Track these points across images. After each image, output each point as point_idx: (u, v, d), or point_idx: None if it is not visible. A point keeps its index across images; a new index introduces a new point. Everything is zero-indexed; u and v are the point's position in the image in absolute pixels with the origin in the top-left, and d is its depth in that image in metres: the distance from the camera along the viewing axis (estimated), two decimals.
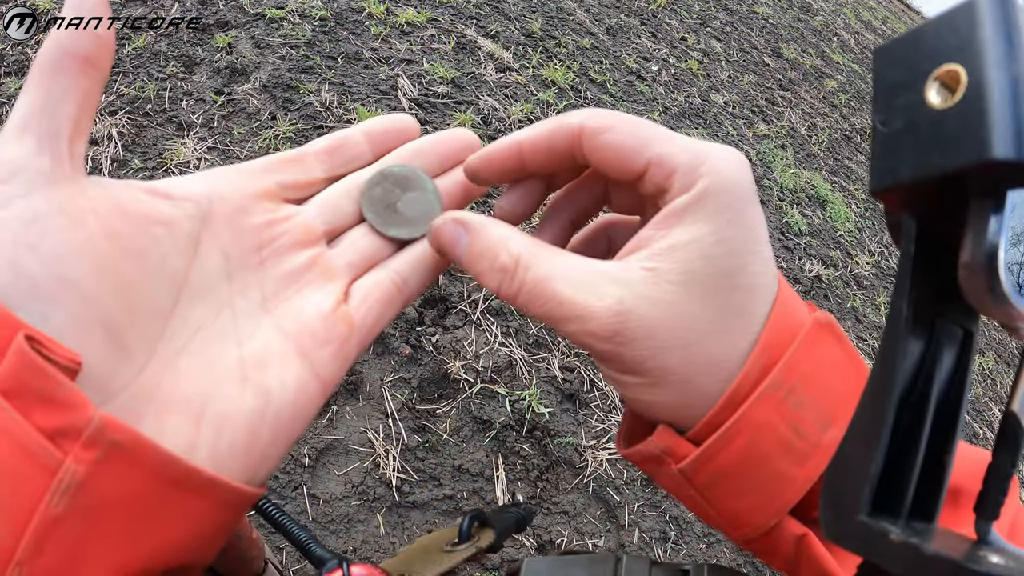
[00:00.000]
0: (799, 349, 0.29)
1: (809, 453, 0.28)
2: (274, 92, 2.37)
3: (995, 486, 0.20)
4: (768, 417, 0.28)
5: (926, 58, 0.19)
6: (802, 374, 0.28)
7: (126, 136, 2.06)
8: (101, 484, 0.21)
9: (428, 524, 1.54)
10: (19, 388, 0.20)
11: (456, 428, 1.70)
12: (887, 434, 0.20)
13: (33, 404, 0.21)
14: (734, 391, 0.28)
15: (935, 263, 0.20)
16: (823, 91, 4.96)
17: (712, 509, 0.30)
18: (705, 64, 4.21)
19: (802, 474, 0.28)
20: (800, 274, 2.94)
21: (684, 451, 0.29)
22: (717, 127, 3.59)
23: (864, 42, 6.71)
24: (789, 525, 0.29)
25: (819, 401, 0.29)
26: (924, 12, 11.51)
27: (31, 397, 0.20)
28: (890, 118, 0.20)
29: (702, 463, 0.28)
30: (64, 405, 0.21)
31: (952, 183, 0.18)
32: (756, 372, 0.28)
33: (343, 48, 2.69)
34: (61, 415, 0.21)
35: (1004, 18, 0.18)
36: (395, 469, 1.57)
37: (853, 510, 0.20)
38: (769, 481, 0.28)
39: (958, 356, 0.21)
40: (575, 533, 1.64)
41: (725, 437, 0.28)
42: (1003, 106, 0.17)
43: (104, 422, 0.21)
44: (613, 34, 3.91)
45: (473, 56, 2.99)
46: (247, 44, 2.55)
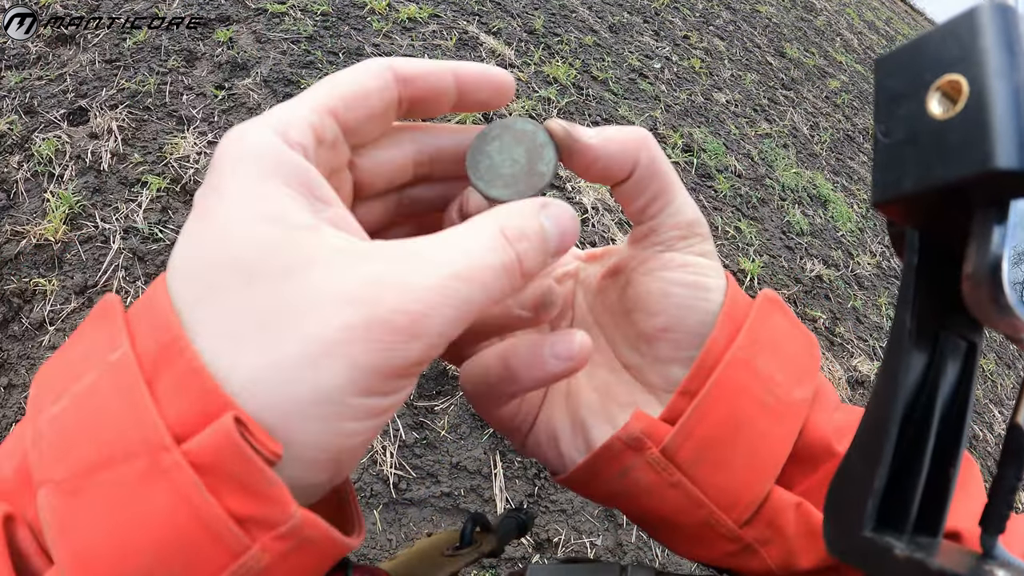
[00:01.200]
0: (756, 318, 0.31)
1: (784, 412, 0.30)
2: (275, 87, 2.37)
3: (1000, 499, 0.19)
4: (742, 378, 0.29)
5: (927, 68, 0.19)
6: (764, 340, 0.30)
7: (126, 130, 2.06)
8: (280, 570, 0.21)
9: (425, 521, 1.54)
10: (216, 467, 0.20)
11: (454, 425, 1.70)
12: (891, 449, 0.20)
13: (228, 486, 0.20)
14: (703, 357, 0.30)
15: (939, 275, 0.20)
16: (826, 91, 4.96)
17: (701, 491, 0.30)
18: (708, 62, 4.20)
19: (782, 433, 0.30)
20: (801, 274, 2.94)
21: (663, 431, 0.29)
22: (719, 125, 3.58)
23: (867, 42, 6.71)
24: (781, 495, 0.30)
25: (783, 365, 0.31)
26: (928, 13, 11.51)
27: (227, 479, 0.20)
28: (892, 128, 0.20)
29: (685, 435, 0.29)
30: (264, 498, 0.20)
31: (955, 194, 0.18)
32: (723, 338, 0.30)
33: (344, 43, 2.68)
34: (258, 506, 0.20)
35: (1006, 27, 0.17)
36: (393, 466, 1.57)
37: (857, 525, 0.20)
38: (753, 442, 0.29)
39: (962, 369, 0.21)
40: (573, 531, 1.64)
41: (705, 403, 0.29)
42: (1005, 116, 0.17)
43: (304, 520, 0.21)
44: (615, 32, 3.90)
45: (475, 52, 2.98)
46: (248, 39, 2.54)
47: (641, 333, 0.32)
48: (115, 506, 0.20)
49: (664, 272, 0.31)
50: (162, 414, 0.20)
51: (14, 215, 1.79)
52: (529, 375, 0.29)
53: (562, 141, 0.29)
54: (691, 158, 3.10)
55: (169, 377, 0.21)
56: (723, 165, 3.23)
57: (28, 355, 1.56)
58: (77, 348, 0.23)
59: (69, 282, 1.69)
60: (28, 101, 2.10)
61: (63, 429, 0.21)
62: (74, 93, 2.16)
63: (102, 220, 1.82)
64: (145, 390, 0.20)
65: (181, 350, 0.21)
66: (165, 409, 0.20)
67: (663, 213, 0.31)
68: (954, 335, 0.21)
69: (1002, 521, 0.19)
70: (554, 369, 0.28)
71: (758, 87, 4.34)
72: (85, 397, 0.21)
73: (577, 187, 2.52)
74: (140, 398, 0.20)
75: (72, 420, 0.21)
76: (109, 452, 0.20)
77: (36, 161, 1.91)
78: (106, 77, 2.25)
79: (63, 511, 0.20)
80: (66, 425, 0.21)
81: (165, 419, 0.20)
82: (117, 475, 0.20)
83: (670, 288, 0.31)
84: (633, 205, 0.32)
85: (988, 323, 0.19)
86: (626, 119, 3.06)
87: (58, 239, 1.74)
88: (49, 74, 2.22)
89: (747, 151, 3.52)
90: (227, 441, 0.19)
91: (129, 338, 0.22)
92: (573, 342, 0.28)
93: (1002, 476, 0.20)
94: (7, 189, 1.84)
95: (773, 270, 2.86)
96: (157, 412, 0.20)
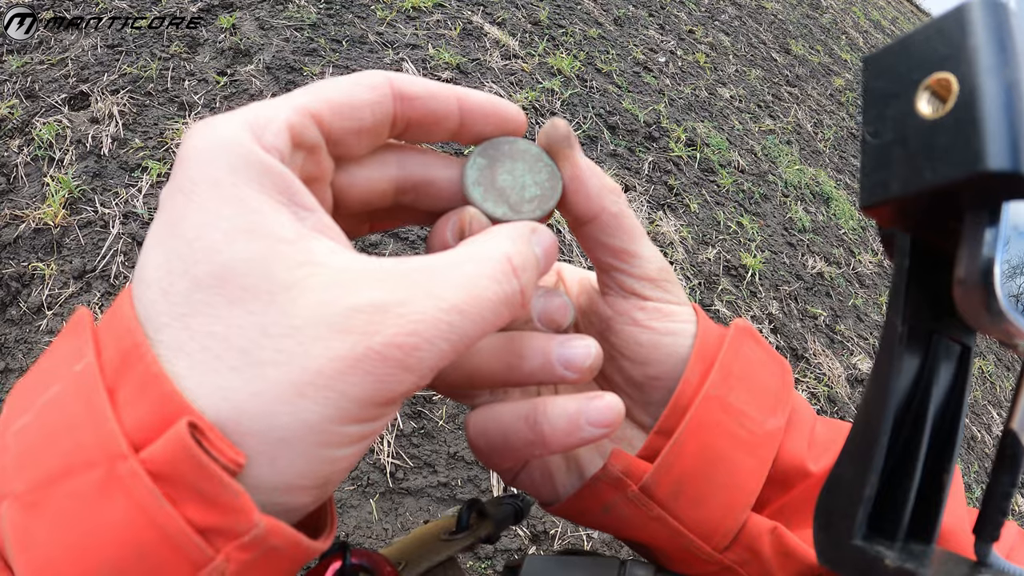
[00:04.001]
0: (727, 353, 0.31)
1: (757, 444, 0.31)
2: (277, 74, 2.36)
3: (994, 506, 0.19)
4: (715, 415, 0.30)
5: (916, 66, 0.18)
6: (736, 375, 0.31)
7: (127, 115, 2.05)
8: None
9: (422, 511, 1.54)
10: (172, 475, 0.19)
11: (452, 415, 1.70)
12: (882, 455, 0.19)
13: (186, 494, 0.19)
14: (677, 397, 0.31)
15: (930, 278, 0.20)
16: (830, 88, 4.93)
17: (680, 523, 0.31)
18: (712, 57, 4.18)
19: (756, 463, 0.31)
20: (802, 271, 2.93)
21: (642, 468, 0.30)
22: (723, 120, 3.57)
23: (873, 41, 6.67)
24: (757, 522, 0.31)
25: (755, 397, 0.31)
26: (933, 13, 11.43)
27: (185, 487, 0.19)
28: (880, 129, 0.19)
29: (663, 473, 0.30)
30: (224, 507, 0.19)
31: (946, 196, 0.18)
32: (695, 378, 0.31)
33: (348, 31, 2.67)
34: (220, 517, 0.19)
35: (996, 24, 0.17)
36: (390, 455, 1.58)
37: (847, 534, 0.19)
38: (728, 476, 0.30)
39: (955, 373, 0.21)
40: (569, 524, 1.64)
41: (680, 441, 0.30)
42: (996, 115, 0.16)
43: (268, 529, 0.20)
44: (621, 25, 3.88)
45: (479, 43, 2.97)
46: (251, 25, 2.53)
47: (630, 379, 0.33)
48: (73, 518, 0.19)
49: (649, 322, 0.32)
50: (120, 421, 0.19)
51: (14, 199, 1.78)
52: (561, 442, 0.28)
53: (555, 140, 0.29)
54: (694, 152, 3.09)
55: (129, 384, 0.20)
56: (726, 160, 3.22)
57: (26, 339, 1.56)
58: (48, 362, 0.23)
59: (68, 267, 1.68)
60: (29, 85, 2.09)
61: (26, 441, 0.20)
62: (75, 78, 2.15)
63: (102, 205, 1.82)
64: (105, 398, 0.20)
65: (141, 356, 0.20)
66: (124, 416, 0.19)
67: (632, 263, 0.31)
68: (947, 338, 0.21)
69: (996, 528, 0.19)
70: (590, 437, 0.28)
71: (762, 83, 4.32)
72: (48, 408, 0.21)
73: None
74: (99, 406, 0.20)
75: (35, 432, 0.20)
76: (68, 463, 0.19)
77: (36, 145, 1.90)
78: (108, 62, 2.24)
79: (22, 525, 0.19)
80: (29, 437, 0.20)
81: (123, 426, 0.19)
82: (75, 486, 0.19)
83: (658, 339, 0.32)
84: (598, 252, 0.32)
85: (980, 328, 0.18)
86: (630, 112, 3.05)
87: (57, 223, 1.74)
88: (51, 58, 2.21)
89: (750, 147, 3.51)
90: (181, 448, 0.19)
91: (95, 348, 0.21)
92: (611, 409, 0.28)
93: (996, 482, 0.19)
94: (7, 173, 1.84)
95: (774, 266, 2.85)
96: (116, 419, 0.19)
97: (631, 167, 2.80)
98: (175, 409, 0.19)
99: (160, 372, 0.20)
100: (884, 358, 0.20)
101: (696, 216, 2.79)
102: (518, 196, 0.29)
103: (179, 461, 0.19)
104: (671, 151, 3.00)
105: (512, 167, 0.29)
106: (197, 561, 0.19)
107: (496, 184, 0.28)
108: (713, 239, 2.73)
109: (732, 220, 2.92)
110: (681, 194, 2.85)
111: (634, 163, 2.83)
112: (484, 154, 0.29)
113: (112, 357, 0.21)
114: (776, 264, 2.88)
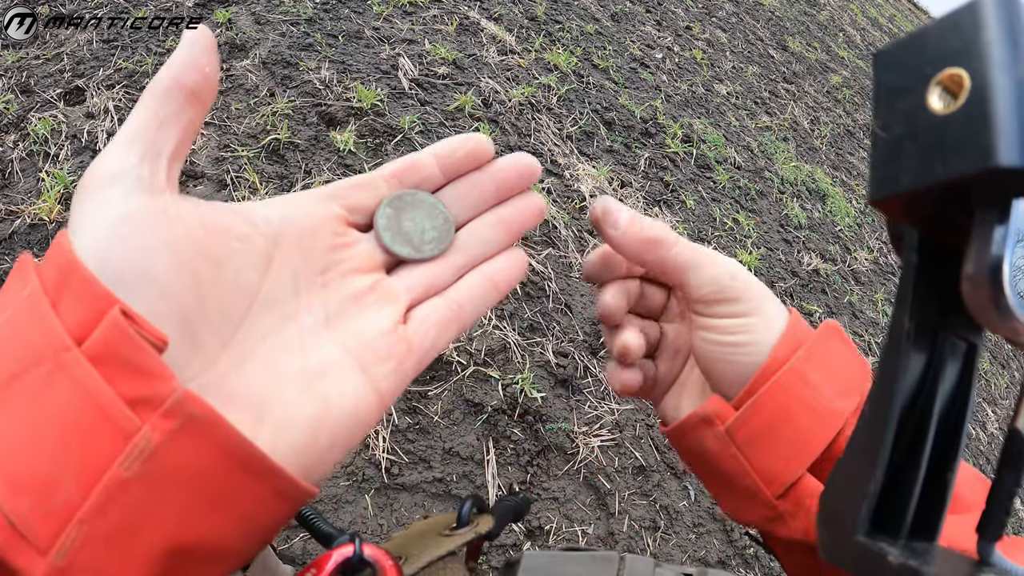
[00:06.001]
0: (815, 341, 0.38)
1: (826, 416, 0.36)
2: (273, 69, 2.35)
3: (998, 506, 0.19)
4: (794, 385, 0.36)
5: (928, 62, 0.18)
6: (817, 358, 0.37)
7: (123, 110, 2.04)
8: (172, 454, 0.22)
9: (417, 507, 1.54)
10: (108, 355, 0.22)
11: (447, 411, 1.70)
12: (887, 451, 0.19)
13: (119, 371, 0.22)
14: (767, 365, 0.37)
15: (938, 275, 0.19)
16: (827, 85, 4.94)
17: (750, 464, 0.37)
18: (709, 54, 4.18)
19: (821, 432, 0.36)
20: (798, 267, 2.94)
21: (728, 414, 0.37)
22: (720, 117, 3.57)
23: (870, 39, 6.68)
24: (810, 482, 0.36)
25: (832, 380, 0.37)
26: (931, 12, 11.45)
27: (118, 365, 0.22)
28: (891, 123, 0.19)
29: (743, 422, 0.37)
30: (150, 375, 0.22)
31: (955, 191, 0.17)
32: (783, 353, 0.37)
33: (344, 26, 2.66)
34: (145, 385, 0.22)
35: (1009, 19, 0.17)
36: (385, 451, 1.57)
37: (851, 529, 0.19)
38: (795, 434, 0.36)
39: (962, 370, 0.21)
40: (564, 520, 1.64)
41: (761, 399, 0.36)
42: (1008, 111, 0.16)
43: (185, 396, 0.22)
44: (618, 20, 3.87)
45: (475, 38, 2.96)
46: (247, 20, 2.52)
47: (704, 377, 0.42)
48: (27, 407, 0.22)
49: (710, 335, 0.39)
50: (63, 322, 0.23)
51: (9, 194, 1.77)
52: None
53: (595, 223, 0.38)
54: (691, 148, 3.09)
55: (68, 293, 0.23)
56: (723, 156, 3.22)
57: None
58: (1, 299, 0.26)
59: None
60: (24, 80, 2.08)
61: None
62: (71, 73, 2.14)
63: None
64: (48, 306, 0.23)
65: (74, 268, 0.23)
66: (66, 318, 0.23)
67: (685, 291, 0.39)
68: (954, 336, 0.20)
69: (1000, 528, 0.19)
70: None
71: (759, 80, 4.32)
72: (3, 328, 0.24)
73: (575, 175, 2.51)
74: (45, 314, 0.23)
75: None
76: (22, 364, 0.22)
77: (31, 140, 1.89)
78: (103, 57, 2.23)
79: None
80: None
81: (66, 325, 0.22)
82: (28, 381, 0.22)
83: (721, 353, 0.39)
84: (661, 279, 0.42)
85: (988, 325, 0.18)
86: (626, 108, 3.04)
87: (52, 219, 1.73)
88: (46, 53, 2.19)
89: (747, 143, 3.51)
90: (115, 327, 0.22)
91: (38, 276, 0.24)
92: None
93: (1000, 482, 0.19)
94: (2, 169, 1.83)
95: (770, 263, 2.86)
96: (59, 321, 0.22)
97: (627, 163, 2.80)
98: (108, 303, 0.23)
99: (91, 277, 0.23)
100: (891, 355, 0.20)
101: (692, 212, 2.80)
102: (419, 238, 0.33)
103: (113, 340, 0.22)
104: (667, 147, 3.00)
105: (413, 215, 0.34)
106: (127, 431, 0.22)
107: (402, 229, 0.33)
108: (709, 235, 2.73)
109: (728, 216, 2.92)
110: (677, 190, 2.85)
111: (630, 159, 2.83)
112: (392, 204, 0.33)
113: (52, 276, 0.24)
114: (772, 261, 2.88)
